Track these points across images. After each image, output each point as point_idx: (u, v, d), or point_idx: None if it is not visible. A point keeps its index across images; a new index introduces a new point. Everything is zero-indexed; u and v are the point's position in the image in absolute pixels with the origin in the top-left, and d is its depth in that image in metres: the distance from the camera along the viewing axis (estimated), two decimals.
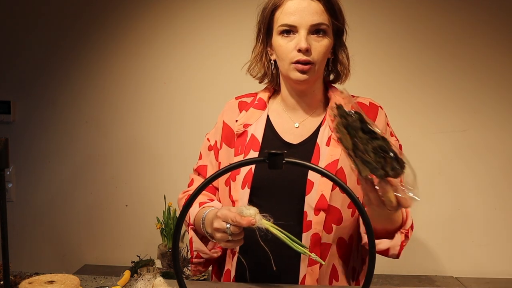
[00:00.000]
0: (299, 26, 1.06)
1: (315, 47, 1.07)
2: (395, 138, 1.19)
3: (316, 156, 1.12)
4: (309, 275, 1.08)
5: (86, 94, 2.26)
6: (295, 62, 1.07)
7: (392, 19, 2.09)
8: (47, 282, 0.91)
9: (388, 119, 1.20)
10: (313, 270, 1.08)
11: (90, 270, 2.16)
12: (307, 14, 1.05)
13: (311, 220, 1.08)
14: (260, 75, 1.22)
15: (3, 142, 0.71)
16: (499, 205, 2.10)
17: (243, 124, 1.19)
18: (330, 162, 1.10)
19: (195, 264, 1.17)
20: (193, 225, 1.15)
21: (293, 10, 1.06)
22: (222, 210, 0.98)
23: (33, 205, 2.31)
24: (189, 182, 1.29)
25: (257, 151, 1.15)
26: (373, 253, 0.71)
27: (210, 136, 1.27)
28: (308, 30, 1.06)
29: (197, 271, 1.17)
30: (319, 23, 1.06)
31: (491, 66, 2.07)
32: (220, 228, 0.97)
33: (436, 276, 2.10)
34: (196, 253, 1.15)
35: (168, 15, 2.19)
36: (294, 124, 1.18)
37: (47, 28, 2.24)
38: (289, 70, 1.09)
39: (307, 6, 1.06)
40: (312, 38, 1.07)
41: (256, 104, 1.22)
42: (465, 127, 2.10)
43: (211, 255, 1.15)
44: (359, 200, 0.70)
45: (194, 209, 1.15)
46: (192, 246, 1.15)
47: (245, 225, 0.92)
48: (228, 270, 1.17)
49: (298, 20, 1.06)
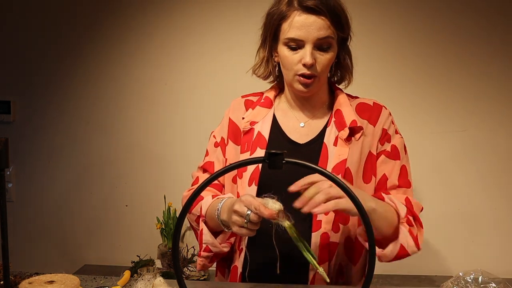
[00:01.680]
0: (305, 41, 1.07)
1: (320, 60, 1.09)
2: (399, 135, 1.19)
3: (324, 156, 1.13)
4: (318, 274, 1.07)
5: (86, 94, 2.26)
6: (300, 75, 1.09)
7: (392, 19, 2.09)
8: (47, 282, 0.91)
9: (393, 118, 1.21)
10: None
11: (90, 270, 2.15)
12: (313, 29, 1.06)
13: (320, 220, 1.09)
14: (265, 75, 1.24)
15: (3, 142, 0.71)
16: (499, 205, 2.10)
17: (250, 121, 1.21)
18: (338, 162, 1.11)
19: (203, 258, 1.15)
20: (204, 216, 1.14)
21: (300, 25, 1.07)
22: (247, 196, 0.97)
23: (33, 205, 2.31)
24: (194, 180, 1.28)
25: (264, 149, 1.16)
26: (373, 253, 0.71)
27: (216, 133, 1.28)
28: (313, 45, 1.07)
29: (203, 266, 1.15)
30: (325, 37, 1.07)
31: (491, 66, 2.07)
32: (240, 212, 0.95)
33: (436, 276, 2.10)
34: (205, 246, 1.13)
35: (169, 15, 2.19)
36: (300, 124, 1.19)
37: (47, 28, 2.24)
38: (293, 81, 1.12)
39: (314, 21, 1.06)
40: (317, 52, 1.08)
41: (263, 102, 1.24)
42: (465, 127, 2.10)
43: (220, 249, 1.13)
44: (358, 200, 0.70)
45: (207, 201, 1.14)
46: (202, 239, 1.13)
47: (266, 216, 0.92)
48: (235, 267, 1.17)
49: (305, 35, 1.06)
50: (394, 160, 1.15)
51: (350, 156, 1.12)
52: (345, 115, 1.15)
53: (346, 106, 1.18)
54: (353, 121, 1.14)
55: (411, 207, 1.11)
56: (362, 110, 1.18)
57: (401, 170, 1.16)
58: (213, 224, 1.13)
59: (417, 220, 1.11)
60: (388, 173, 1.15)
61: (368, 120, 1.17)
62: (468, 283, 1.01)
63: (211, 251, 1.14)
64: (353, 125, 1.13)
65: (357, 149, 1.13)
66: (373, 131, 1.16)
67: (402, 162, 1.16)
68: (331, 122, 1.17)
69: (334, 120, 1.16)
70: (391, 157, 1.15)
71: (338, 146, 1.13)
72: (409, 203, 1.11)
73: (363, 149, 1.14)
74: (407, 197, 1.12)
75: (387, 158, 1.15)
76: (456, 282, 1.00)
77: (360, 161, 1.13)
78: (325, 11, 1.06)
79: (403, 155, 1.17)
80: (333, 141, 1.14)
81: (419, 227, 1.11)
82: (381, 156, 1.16)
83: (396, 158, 1.16)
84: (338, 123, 1.15)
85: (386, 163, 1.15)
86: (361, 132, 1.14)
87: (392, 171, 1.15)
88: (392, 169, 1.15)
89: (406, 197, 1.12)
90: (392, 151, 1.16)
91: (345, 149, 1.12)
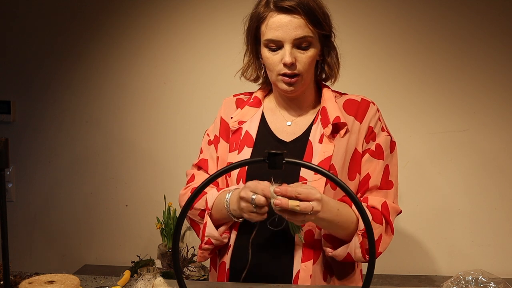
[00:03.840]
0: (283, 41, 1.08)
1: (301, 59, 1.10)
2: (386, 133, 1.19)
3: (309, 153, 1.14)
4: (302, 271, 1.09)
5: (86, 94, 2.26)
6: (282, 74, 1.11)
7: (392, 18, 2.09)
8: (47, 282, 0.91)
9: (381, 114, 1.21)
10: (306, 266, 1.09)
11: (90, 270, 2.16)
12: (290, 29, 1.07)
13: None
14: (253, 78, 1.26)
15: (3, 142, 0.71)
16: (499, 205, 2.10)
17: (238, 121, 1.23)
18: (323, 158, 1.12)
19: (203, 250, 1.17)
20: (210, 209, 1.16)
21: (276, 26, 1.08)
22: (252, 181, 1.01)
23: (33, 205, 2.31)
24: (189, 178, 1.29)
25: (251, 147, 1.18)
26: (373, 253, 0.71)
27: (209, 131, 1.31)
28: (292, 44, 1.08)
29: (203, 257, 1.18)
30: (302, 36, 1.08)
31: (491, 66, 2.07)
32: (246, 197, 0.99)
33: (436, 276, 2.10)
34: (207, 239, 1.15)
35: (168, 14, 2.19)
36: (287, 123, 1.21)
37: (47, 28, 2.24)
38: (277, 81, 1.13)
39: (289, 21, 1.07)
40: (297, 51, 1.09)
41: (251, 102, 1.26)
42: (465, 127, 2.10)
43: (221, 241, 1.16)
44: (357, 198, 0.71)
45: (213, 194, 1.16)
46: (204, 231, 1.15)
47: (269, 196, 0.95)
48: (223, 263, 1.18)
49: (282, 35, 1.08)
50: (377, 160, 1.16)
51: (335, 152, 1.12)
52: (329, 112, 1.16)
53: (330, 102, 1.18)
54: (337, 117, 1.14)
55: (387, 213, 1.12)
56: (349, 106, 1.19)
57: (384, 170, 1.16)
58: (219, 216, 1.15)
59: (389, 225, 1.13)
60: (371, 173, 1.15)
61: (355, 117, 1.17)
62: (468, 283, 1.01)
63: (212, 243, 1.16)
64: (337, 121, 1.14)
65: (343, 145, 1.14)
66: (359, 128, 1.16)
67: (386, 162, 1.16)
68: (317, 119, 1.18)
69: (320, 118, 1.17)
70: (375, 156, 1.16)
71: (323, 143, 1.13)
72: (386, 208, 1.12)
73: (349, 146, 1.14)
74: (384, 202, 1.13)
75: (371, 157, 1.16)
76: (456, 282, 1.01)
77: (345, 158, 1.14)
78: (299, 10, 1.07)
79: (388, 154, 1.17)
80: (319, 139, 1.14)
81: (389, 234, 1.13)
82: (366, 154, 1.16)
83: (380, 157, 1.16)
84: (323, 120, 1.16)
85: (370, 162, 1.15)
86: (345, 129, 1.14)
87: (375, 171, 1.15)
88: (375, 169, 1.15)
89: (384, 202, 1.13)
90: (377, 150, 1.16)
91: (330, 146, 1.12)
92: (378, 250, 1.12)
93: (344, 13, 2.07)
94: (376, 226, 1.10)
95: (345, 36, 1.22)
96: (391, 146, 1.19)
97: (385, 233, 1.12)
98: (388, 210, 1.12)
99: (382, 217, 1.11)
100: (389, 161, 1.17)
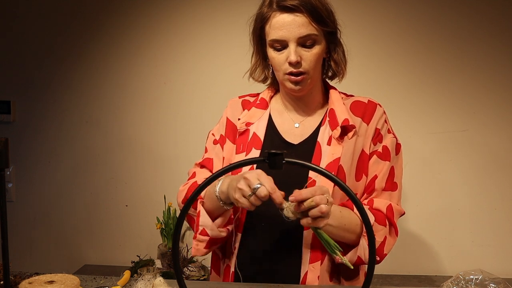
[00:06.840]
0: (287, 40, 1.08)
1: (306, 57, 1.09)
2: (392, 135, 1.19)
3: (317, 155, 1.13)
4: (310, 272, 1.09)
5: (86, 94, 2.26)
6: (288, 73, 1.11)
7: (391, 18, 2.09)
8: (47, 282, 0.91)
9: (387, 116, 1.21)
10: (314, 267, 1.09)
11: (90, 270, 2.16)
12: (293, 27, 1.07)
13: None
14: (261, 79, 1.25)
15: (3, 142, 0.71)
16: (499, 205, 2.10)
17: (245, 122, 1.22)
18: (331, 160, 1.11)
19: (198, 242, 1.12)
20: (202, 198, 1.13)
21: (280, 25, 1.08)
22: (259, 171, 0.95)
23: (33, 205, 2.31)
24: (190, 175, 1.28)
25: (259, 149, 1.17)
26: (373, 253, 0.71)
27: (214, 131, 1.30)
28: (296, 43, 1.08)
29: (198, 250, 1.13)
30: (306, 35, 1.08)
31: (491, 66, 2.07)
32: (250, 180, 0.93)
33: (436, 276, 2.10)
34: (202, 229, 1.11)
35: (168, 14, 2.19)
36: (294, 124, 1.21)
37: (47, 28, 2.24)
38: (284, 80, 1.13)
39: (292, 20, 1.07)
40: (302, 49, 1.09)
41: (258, 103, 1.25)
42: (465, 127, 2.10)
43: (218, 233, 1.11)
44: (357, 197, 0.71)
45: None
46: (198, 221, 1.11)
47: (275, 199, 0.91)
48: (228, 266, 1.17)
49: (286, 34, 1.08)
50: (384, 161, 1.16)
51: (344, 154, 1.12)
52: (337, 114, 1.16)
53: (339, 104, 1.18)
54: (345, 120, 1.14)
55: (391, 215, 1.12)
56: (356, 108, 1.19)
57: (390, 172, 1.16)
58: (211, 205, 1.10)
59: (393, 227, 1.13)
60: (378, 174, 1.15)
61: (362, 118, 1.17)
62: (468, 283, 1.01)
63: (208, 234, 1.11)
64: (345, 123, 1.14)
65: (350, 147, 1.14)
66: (366, 130, 1.16)
67: (391, 163, 1.17)
68: (325, 121, 1.17)
69: (328, 120, 1.17)
70: (382, 158, 1.16)
71: (331, 145, 1.13)
72: (390, 210, 1.12)
73: (356, 148, 1.15)
74: (390, 204, 1.13)
75: (379, 158, 1.16)
76: (456, 282, 1.01)
77: (353, 159, 1.14)
78: (302, 8, 1.06)
79: (393, 155, 1.18)
80: (327, 140, 1.14)
81: (393, 235, 1.14)
82: (373, 156, 1.16)
83: (386, 159, 1.16)
84: (331, 122, 1.16)
85: (378, 164, 1.16)
86: (353, 131, 1.14)
87: (381, 172, 1.15)
88: (381, 170, 1.15)
89: (389, 204, 1.13)
90: (383, 152, 1.16)
91: (339, 148, 1.12)
92: (383, 252, 1.12)
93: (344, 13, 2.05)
94: (380, 228, 1.10)
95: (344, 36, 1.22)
96: (396, 148, 1.19)
97: (389, 235, 1.12)
98: (392, 212, 1.13)
99: (385, 219, 1.11)
100: (394, 163, 1.18)
